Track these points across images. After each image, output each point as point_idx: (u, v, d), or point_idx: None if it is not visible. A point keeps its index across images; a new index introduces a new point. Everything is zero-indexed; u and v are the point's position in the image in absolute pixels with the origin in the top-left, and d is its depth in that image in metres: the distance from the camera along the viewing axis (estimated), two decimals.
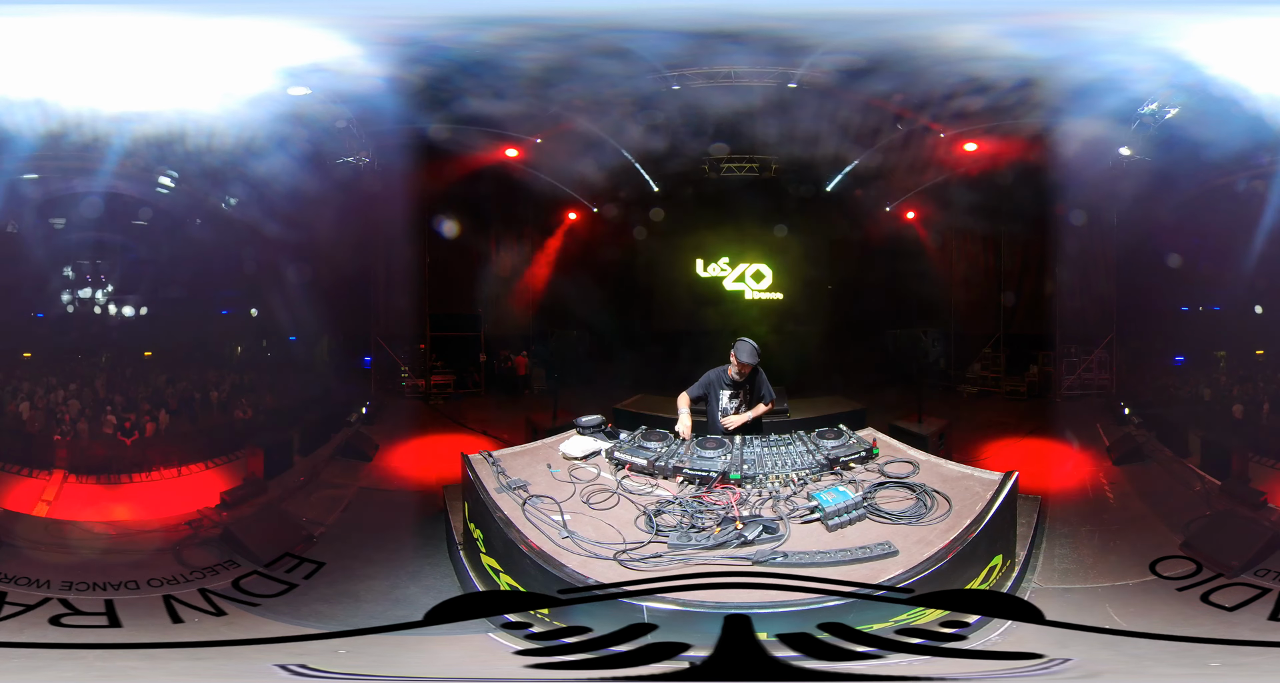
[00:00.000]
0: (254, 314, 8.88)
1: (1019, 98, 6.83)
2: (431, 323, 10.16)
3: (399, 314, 9.54)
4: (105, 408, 7.28)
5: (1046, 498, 5.76)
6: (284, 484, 6.76)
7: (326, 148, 7.83)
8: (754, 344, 5.35)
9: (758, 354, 5.33)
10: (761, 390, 5.51)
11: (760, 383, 5.51)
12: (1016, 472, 4.40)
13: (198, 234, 8.30)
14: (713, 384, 5.54)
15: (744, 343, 5.35)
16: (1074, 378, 9.28)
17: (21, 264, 7.77)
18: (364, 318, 9.45)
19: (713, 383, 5.54)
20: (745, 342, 5.36)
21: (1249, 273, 7.40)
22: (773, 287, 11.11)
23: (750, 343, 5.36)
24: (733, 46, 6.38)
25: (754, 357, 5.30)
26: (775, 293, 11.12)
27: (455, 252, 10.26)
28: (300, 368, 8.84)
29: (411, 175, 8.16)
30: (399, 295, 9.46)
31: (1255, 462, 6.49)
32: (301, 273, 8.33)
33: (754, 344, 5.35)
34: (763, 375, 5.52)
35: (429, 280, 9.83)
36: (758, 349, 5.34)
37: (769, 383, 5.55)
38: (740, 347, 5.34)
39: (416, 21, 5.41)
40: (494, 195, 10.50)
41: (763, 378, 5.53)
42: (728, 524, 3.99)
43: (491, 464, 4.84)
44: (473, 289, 10.84)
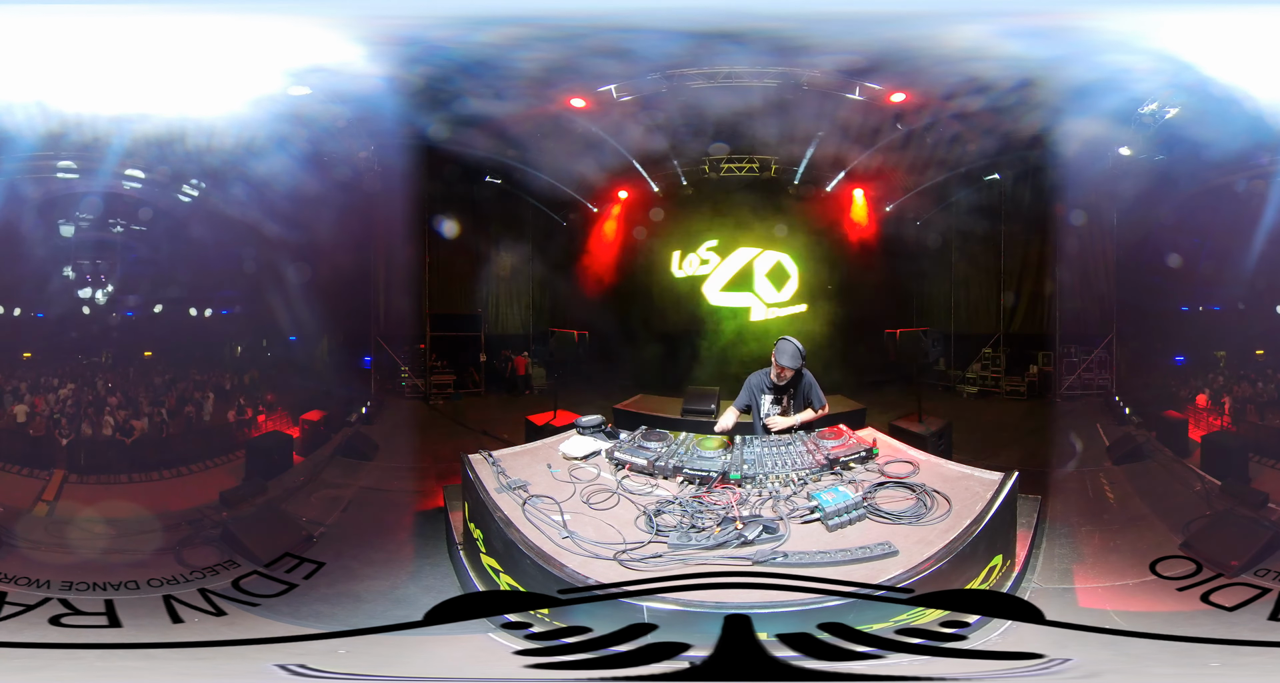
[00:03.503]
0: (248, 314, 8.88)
1: (1019, 98, 6.83)
2: (431, 323, 10.17)
3: (399, 314, 9.55)
4: (105, 408, 7.28)
5: (1046, 498, 5.76)
6: (284, 484, 6.76)
7: (326, 148, 7.83)
8: (797, 345, 4.91)
9: (801, 356, 4.91)
10: (810, 396, 5.12)
11: (807, 387, 5.13)
12: (1016, 472, 4.39)
13: (198, 234, 8.30)
14: (754, 390, 5.22)
15: (785, 343, 4.92)
16: (1074, 378, 9.28)
17: (21, 264, 7.77)
18: (364, 318, 9.45)
19: (754, 388, 5.22)
20: (787, 341, 4.94)
21: (1249, 273, 7.40)
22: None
23: (793, 343, 4.92)
24: (733, 46, 6.38)
25: (796, 360, 4.90)
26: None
27: (455, 252, 10.27)
28: (300, 368, 8.84)
29: (411, 175, 8.17)
30: (399, 295, 9.47)
31: (1256, 462, 6.50)
32: (301, 273, 8.33)
33: (797, 345, 4.91)
34: (810, 379, 5.14)
35: (429, 280, 9.84)
36: (801, 351, 4.89)
37: (819, 387, 5.14)
38: (781, 348, 4.92)
39: (416, 21, 5.41)
40: (494, 195, 10.52)
41: (810, 381, 5.14)
42: (728, 524, 3.99)
43: (491, 464, 4.84)
44: (473, 289, 10.85)
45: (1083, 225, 8.68)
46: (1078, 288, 9.13)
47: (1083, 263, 8.98)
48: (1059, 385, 9.29)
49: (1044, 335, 9.60)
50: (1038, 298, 9.83)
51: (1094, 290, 9.14)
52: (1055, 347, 9.41)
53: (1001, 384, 10.19)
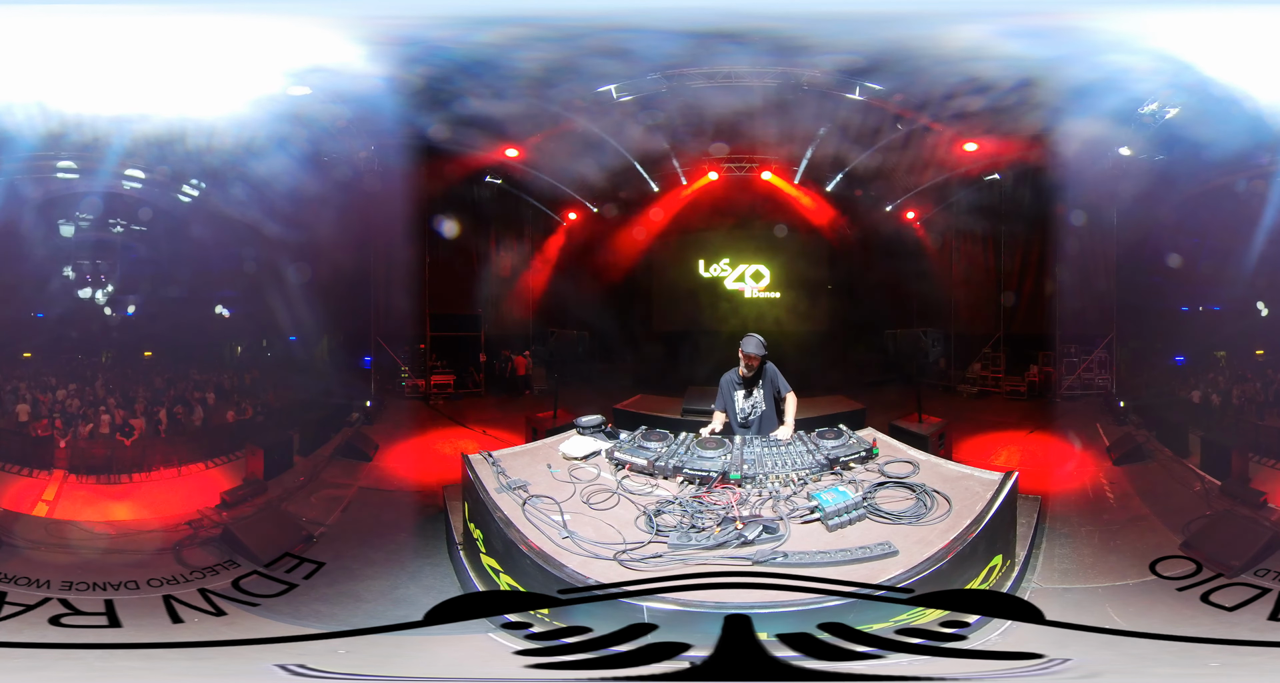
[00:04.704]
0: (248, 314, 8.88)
1: (1019, 98, 6.82)
2: (431, 323, 10.16)
3: (399, 314, 9.53)
4: (105, 408, 7.28)
5: (1046, 498, 5.77)
6: (284, 484, 6.76)
7: (326, 148, 7.83)
8: (759, 337, 5.39)
9: (764, 345, 5.36)
10: (777, 383, 5.46)
11: (771, 375, 5.47)
12: (1016, 472, 4.40)
13: (198, 234, 8.30)
14: (725, 389, 5.54)
15: (749, 337, 5.39)
16: (1074, 378, 9.28)
17: (21, 264, 7.77)
18: (364, 318, 9.45)
19: (725, 387, 5.54)
20: (751, 336, 5.40)
21: (1249, 273, 7.40)
22: (771, 286, 11.11)
23: (756, 336, 5.39)
24: (733, 46, 6.37)
25: (760, 347, 5.33)
26: (774, 293, 11.12)
27: (455, 252, 10.26)
28: (300, 368, 8.84)
29: (411, 175, 8.17)
30: (399, 295, 9.45)
31: (1255, 461, 6.50)
32: (301, 273, 8.33)
33: (759, 337, 5.39)
34: (773, 368, 5.49)
35: (429, 280, 9.83)
36: (763, 341, 5.38)
37: (781, 374, 5.49)
38: (746, 340, 5.37)
39: (416, 21, 5.41)
40: (494, 195, 10.51)
41: (774, 370, 5.48)
42: (728, 524, 3.99)
43: (491, 464, 4.84)
44: (473, 289, 10.84)
45: (1083, 225, 8.66)
46: (1078, 288, 9.12)
47: (1083, 263, 8.97)
48: (1059, 385, 9.29)
49: (1044, 335, 9.58)
50: (1038, 298, 9.81)
51: (1094, 290, 9.13)
52: (1055, 347, 9.40)
53: (1001, 384, 10.18)
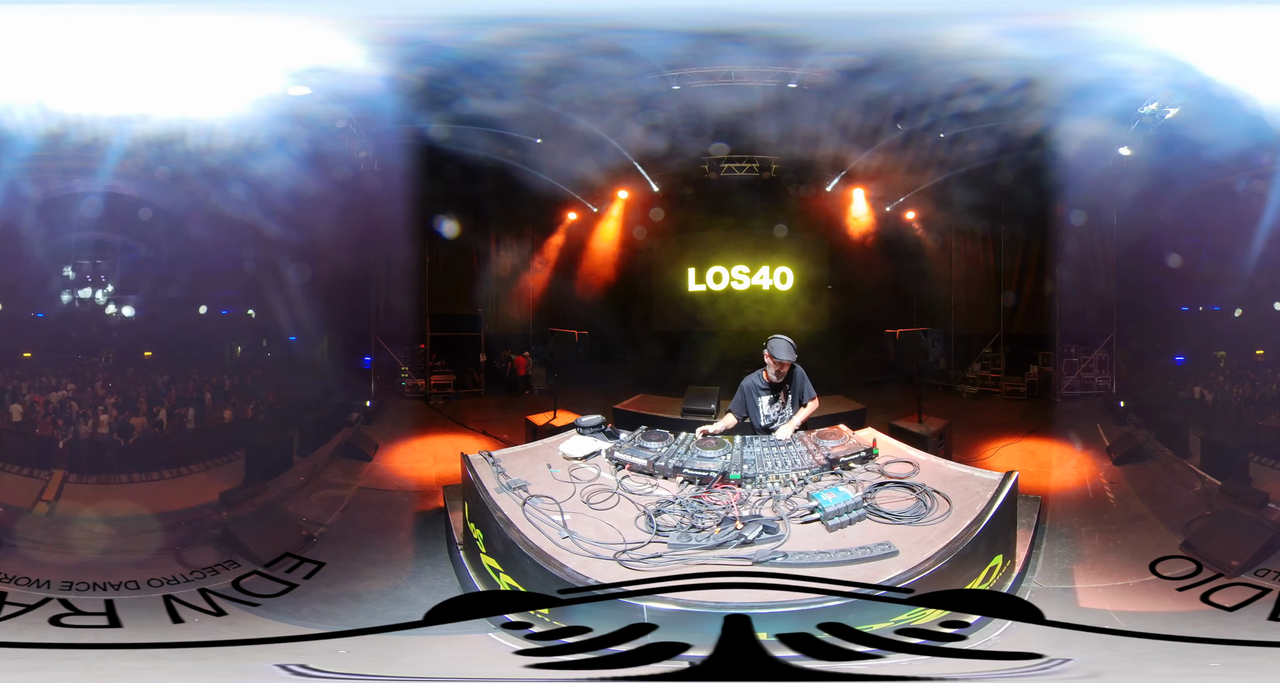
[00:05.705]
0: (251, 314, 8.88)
1: (1019, 98, 6.83)
2: (431, 323, 10.16)
3: (399, 314, 9.54)
4: (104, 408, 7.28)
5: (1046, 498, 5.77)
6: (284, 484, 6.76)
7: (326, 148, 7.83)
8: (789, 340, 4.97)
9: (794, 350, 4.96)
10: (803, 389, 5.14)
11: (801, 381, 5.14)
12: (1016, 472, 4.40)
13: (198, 234, 8.30)
14: (748, 393, 5.20)
15: (778, 340, 4.96)
16: (1074, 378, 9.28)
17: (21, 264, 7.77)
18: (364, 318, 9.46)
19: (747, 392, 5.20)
20: (780, 338, 4.98)
21: (1249, 273, 7.40)
22: (771, 287, 11.10)
23: (785, 339, 4.97)
24: (733, 46, 6.37)
25: (791, 353, 4.94)
26: (774, 293, 11.10)
27: (455, 252, 10.26)
28: (300, 368, 8.84)
29: (411, 175, 8.17)
30: (399, 295, 9.46)
31: (1256, 461, 6.50)
32: (301, 273, 8.33)
33: (789, 340, 4.97)
34: (802, 372, 5.14)
35: (429, 280, 9.83)
36: (794, 345, 4.96)
37: (809, 380, 5.17)
38: (775, 344, 4.94)
39: (416, 21, 5.41)
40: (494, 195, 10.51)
41: (802, 375, 5.14)
42: (728, 524, 3.99)
43: (491, 464, 4.84)
44: (473, 289, 10.84)
45: (1083, 225, 8.67)
46: (1078, 288, 9.12)
47: (1083, 263, 8.98)
48: (1059, 385, 9.29)
49: (1044, 335, 9.59)
50: (1038, 298, 9.82)
51: (1094, 290, 9.14)
52: (1055, 347, 9.40)
53: (1001, 384, 10.18)
